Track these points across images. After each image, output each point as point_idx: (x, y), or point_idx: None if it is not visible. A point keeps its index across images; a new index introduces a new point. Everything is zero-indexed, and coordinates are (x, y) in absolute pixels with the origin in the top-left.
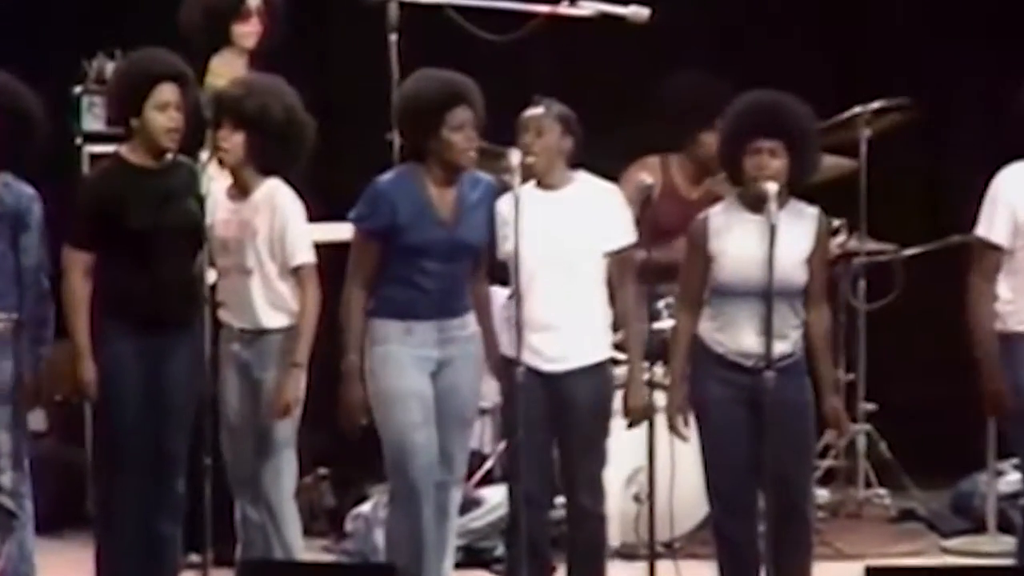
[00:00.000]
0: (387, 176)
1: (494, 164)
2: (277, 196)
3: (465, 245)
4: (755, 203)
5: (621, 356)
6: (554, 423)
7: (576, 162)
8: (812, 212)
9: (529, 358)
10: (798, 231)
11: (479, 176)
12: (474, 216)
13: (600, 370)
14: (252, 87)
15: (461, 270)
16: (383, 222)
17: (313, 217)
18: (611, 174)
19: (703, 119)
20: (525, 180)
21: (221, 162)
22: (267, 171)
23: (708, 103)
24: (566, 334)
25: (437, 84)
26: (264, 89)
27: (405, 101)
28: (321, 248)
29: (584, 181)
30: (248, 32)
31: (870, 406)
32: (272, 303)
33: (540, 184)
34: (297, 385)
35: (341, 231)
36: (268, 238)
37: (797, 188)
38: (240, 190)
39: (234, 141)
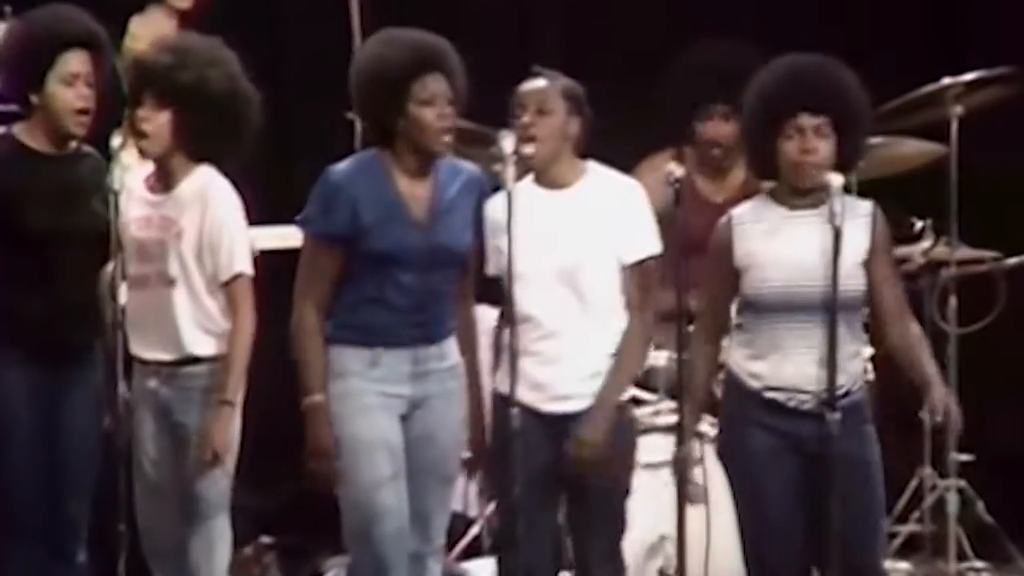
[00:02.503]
0: (344, 165)
1: (484, 151)
2: (211, 189)
3: (444, 251)
4: (796, 198)
5: (644, 395)
6: (560, 478)
7: (585, 152)
8: (865, 205)
9: (528, 396)
10: (849, 228)
11: (459, 164)
12: (455, 214)
13: (618, 413)
14: (184, 53)
15: (440, 283)
16: (341, 224)
17: (253, 218)
18: (630, 169)
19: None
20: (523, 173)
21: (141, 151)
22: (199, 159)
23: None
24: (576, 367)
25: (402, 47)
26: (200, 56)
27: (363, 69)
28: (261, 257)
29: (597, 174)
30: None
31: (963, 456)
32: (200, 324)
33: (541, 180)
34: (227, 428)
35: (286, 236)
36: (197, 242)
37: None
38: (163, 181)
39: (158, 122)
